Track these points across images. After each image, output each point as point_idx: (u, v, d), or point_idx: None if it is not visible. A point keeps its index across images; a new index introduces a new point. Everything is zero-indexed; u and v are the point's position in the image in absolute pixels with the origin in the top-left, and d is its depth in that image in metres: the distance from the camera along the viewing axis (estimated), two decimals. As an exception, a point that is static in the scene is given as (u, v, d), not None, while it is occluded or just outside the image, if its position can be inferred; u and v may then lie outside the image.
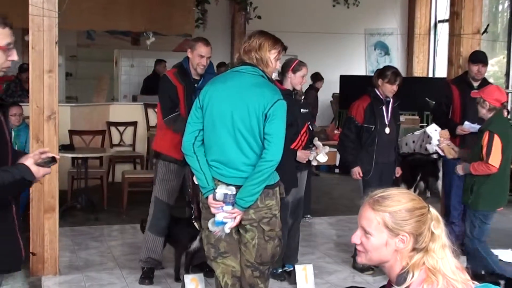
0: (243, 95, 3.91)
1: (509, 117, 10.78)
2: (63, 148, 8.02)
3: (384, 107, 6.11)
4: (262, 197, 3.97)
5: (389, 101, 6.13)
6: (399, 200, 2.38)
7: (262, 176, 3.90)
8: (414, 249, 2.34)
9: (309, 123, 5.86)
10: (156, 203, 5.70)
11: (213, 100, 3.94)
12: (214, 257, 4.13)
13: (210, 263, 4.22)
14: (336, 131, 11.19)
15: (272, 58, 4.09)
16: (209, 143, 3.97)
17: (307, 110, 5.88)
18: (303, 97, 5.93)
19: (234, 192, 3.90)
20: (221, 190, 3.89)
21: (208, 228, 4.07)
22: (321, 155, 5.79)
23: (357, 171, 6.07)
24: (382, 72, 6.10)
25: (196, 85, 5.52)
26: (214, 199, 3.92)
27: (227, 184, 3.95)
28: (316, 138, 5.94)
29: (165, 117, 5.48)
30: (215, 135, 3.94)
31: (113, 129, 10.47)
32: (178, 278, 5.67)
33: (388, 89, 6.05)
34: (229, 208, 3.90)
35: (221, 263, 4.13)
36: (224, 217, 3.93)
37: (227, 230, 3.97)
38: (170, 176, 5.64)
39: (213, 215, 3.99)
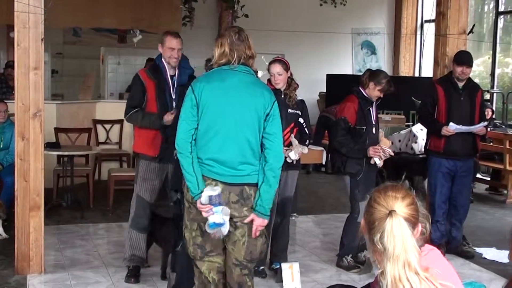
0: (243, 95, 3.91)
1: (493, 116, 10.87)
2: (49, 146, 7.98)
3: (370, 108, 6.13)
4: (254, 194, 3.96)
5: (373, 102, 6.16)
6: None
7: (276, 176, 3.97)
8: None
9: (304, 125, 5.90)
10: (137, 200, 5.74)
11: (212, 99, 3.89)
12: (201, 257, 4.11)
13: (194, 262, 4.19)
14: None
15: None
16: (205, 142, 3.91)
17: (296, 112, 5.87)
18: (292, 99, 5.86)
19: (219, 192, 3.86)
20: (206, 193, 3.86)
21: (194, 229, 4.06)
22: (292, 153, 5.75)
23: (372, 149, 6.03)
24: (376, 77, 6.08)
25: (171, 80, 5.63)
26: (201, 203, 3.88)
27: (218, 181, 3.91)
28: (292, 135, 5.87)
29: (125, 115, 5.60)
30: (215, 133, 3.89)
31: (99, 127, 10.44)
32: (165, 276, 5.67)
33: (376, 95, 6.08)
34: (218, 209, 3.85)
35: (207, 261, 4.11)
36: (215, 220, 3.87)
37: (225, 232, 3.91)
38: (151, 175, 5.68)
39: (202, 215, 3.94)
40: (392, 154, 6.17)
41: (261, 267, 5.98)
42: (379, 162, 6.07)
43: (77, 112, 10.26)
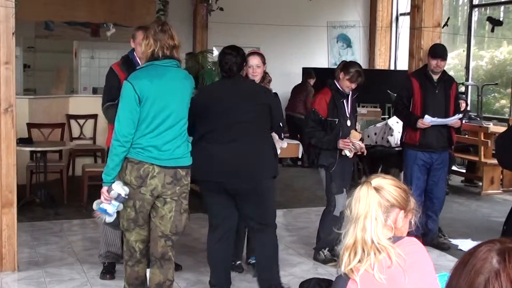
0: (179, 89, 4.55)
1: (468, 108, 10.96)
2: (21, 141, 7.91)
3: (345, 100, 6.15)
4: (185, 175, 4.56)
5: (349, 94, 6.18)
6: None
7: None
8: None
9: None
10: None
11: (154, 94, 4.42)
12: (132, 229, 4.64)
13: (124, 233, 4.73)
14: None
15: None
16: (148, 131, 4.44)
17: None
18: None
19: (126, 193, 4.43)
20: (117, 188, 4.40)
21: (130, 206, 4.53)
22: None
23: (341, 141, 6.03)
24: (346, 67, 6.11)
25: None
26: (107, 192, 4.42)
27: (155, 165, 4.45)
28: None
29: (102, 107, 5.64)
30: (157, 124, 4.45)
31: (73, 122, 10.37)
32: None
33: (346, 85, 6.10)
34: (116, 204, 4.44)
35: (135, 232, 4.65)
36: (108, 209, 4.45)
37: (108, 221, 4.56)
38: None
39: (138, 195, 4.47)
40: (363, 147, 6.17)
41: (238, 262, 5.98)
42: (349, 154, 6.09)
43: (50, 107, 10.18)
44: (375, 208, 2.51)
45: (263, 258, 5.23)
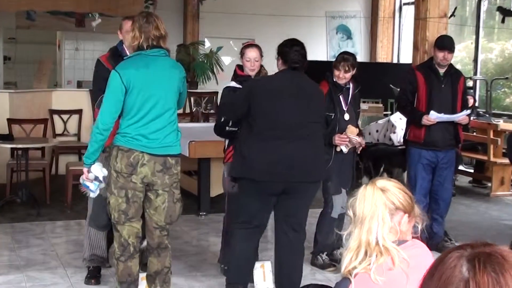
0: (167, 78, 4.81)
1: (476, 104, 10.98)
2: (1, 138, 7.91)
3: (341, 94, 6.14)
4: (175, 164, 4.84)
5: (349, 88, 6.17)
6: None
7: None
8: None
9: None
10: (95, 197, 5.69)
11: (141, 84, 4.70)
12: (124, 221, 4.86)
13: (116, 226, 4.91)
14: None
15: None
16: (135, 120, 4.73)
17: None
18: None
19: (105, 175, 4.87)
20: (95, 171, 4.85)
21: (121, 196, 4.80)
22: None
23: (337, 136, 6.04)
24: (335, 59, 6.17)
25: None
26: (88, 172, 4.85)
27: (145, 153, 4.74)
28: None
29: (95, 101, 5.59)
30: (145, 113, 4.72)
31: (56, 117, 10.36)
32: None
33: (336, 75, 6.10)
34: (97, 183, 4.91)
35: (128, 226, 4.88)
36: (90, 187, 4.93)
37: (92, 196, 5.03)
38: (108, 168, 5.63)
39: (130, 184, 4.77)
40: (363, 143, 6.18)
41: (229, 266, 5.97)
42: (345, 150, 6.09)
43: (32, 102, 10.16)
44: (382, 209, 2.54)
45: (290, 265, 5.25)
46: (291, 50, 5.11)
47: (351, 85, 6.18)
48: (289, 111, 4.93)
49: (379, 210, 2.54)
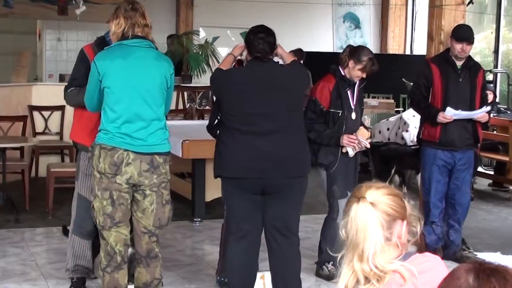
0: (149, 71, 4.85)
1: (497, 100, 10.98)
2: (-24, 137, 7.89)
3: (349, 90, 6.13)
4: (163, 163, 4.87)
5: (355, 83, 6.16)
6: None
7: None
8: None
9: None
10: (79, 200, 5.73)
11: (116, 77, 4.78)
12: (110, 226, 4.87)
13: (102, 232, 4.92)
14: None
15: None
16: (115, 117, 4.79)
17: None
18: None
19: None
20: None
21: (106, 198, 4.81)
22: None
23: (346, 137, 6.04)
24: (356, 54, 6.08)
25: None
26: None
27: (129, 151, 4.79)
28: None
29: (66, 89, 5.70)
30: (124, 109, 4.78)
31: (36, 114, 10.35)
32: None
33: (357, 75, 6.08)
34: None
35: (114, 232, 4.88)
36: None
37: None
38: (91, 170, 5.62)
39: (114, 184, 4.77)
40: (368, 146, 6.19)
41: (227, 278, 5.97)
42: (351, 153, 6.09)
43: (10, 97, 10.16)
44: (375, 230, 2.54)
45: (286, 272, 5.23)
46: (255, 38, 5.12)
47: (357, 80, 6.17)
48: (257, 104, 4.96)
49: (372, 232, 2.54)
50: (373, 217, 2.55)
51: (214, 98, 5.37)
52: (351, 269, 2.57)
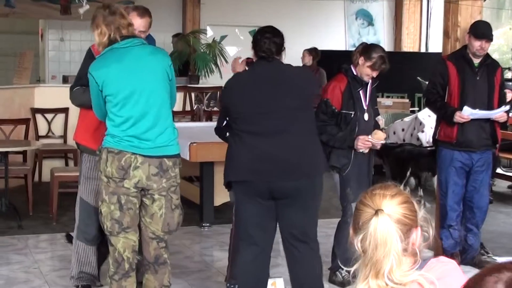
0: (147, 69, 4.85)
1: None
2: (-22, 140, 7.92)
3: (362, 90, 6.13)
4: (172, 166, 4.87)
5: (367, 83, 6.15)
6: None
7: None
8: None
9: None
10: (81, 205, 5.74)
11: (116, 82, 4.78)
12: (118, 232, 4.86)
13: (109, 238, 4.92)
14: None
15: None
16: (122, 121, 4.79)
17: None
18: None
19: None
20: None
21: (114, 203, 4.79)
22: None
23: (361, 140, 6.04)
24: (367, 51, 6.08)
25: None
26: None
27: (137, 155, 4.80)
28: None
29: (72, 88, 5.71)
30: (129, 113, 4.79)
31: (39, 117, 10.38)
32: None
33: (367, 73, 6.06)
34: None
35: (122, 237, 4.89)
36: None
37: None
38: (95, 174, 5.61)
39: (122, 189, 4.76)
40: (378, 147, 6.21)
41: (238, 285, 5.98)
42: (365, 151, 6.09)
43: (12, 99, 10.19)
44: (395, 245, 2.50)
45: (309, 280, 5.22)
46: (261, 37, 5.14)
47: (369, 80, 6.17)
48: (261, 103, 4.98)
49: (392, 248, 2.51)
50: (393, 231, 2.51)
51: (222, 104, 5.37)
52: (366, 285, 2.54)
